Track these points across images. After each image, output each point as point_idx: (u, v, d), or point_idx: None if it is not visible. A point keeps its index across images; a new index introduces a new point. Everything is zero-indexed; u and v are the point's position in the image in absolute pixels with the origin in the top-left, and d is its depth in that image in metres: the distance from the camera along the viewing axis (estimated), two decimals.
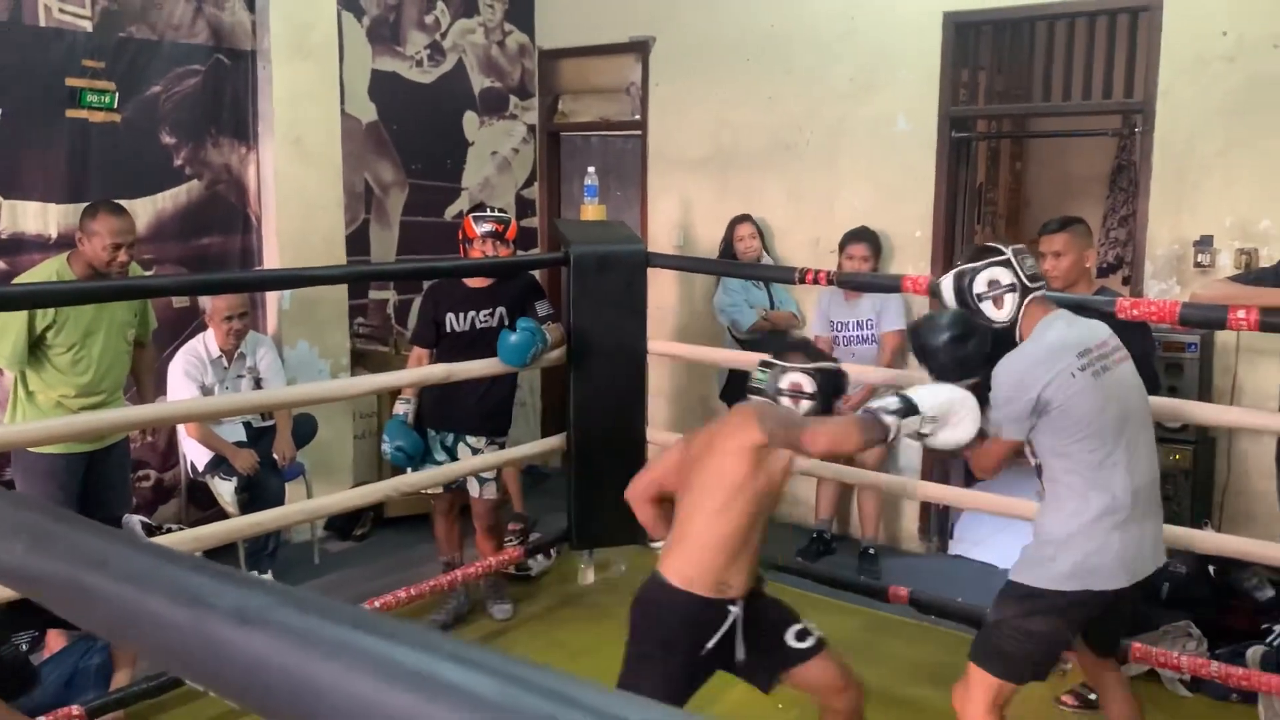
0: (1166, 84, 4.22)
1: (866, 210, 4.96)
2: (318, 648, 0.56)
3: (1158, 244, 4.31)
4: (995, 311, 2.56)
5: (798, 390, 2.62)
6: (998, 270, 2.55)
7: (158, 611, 0.62)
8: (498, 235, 4.03)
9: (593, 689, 0.49)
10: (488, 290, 4.10)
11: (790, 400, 2.63)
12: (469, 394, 4.00)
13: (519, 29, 6.07)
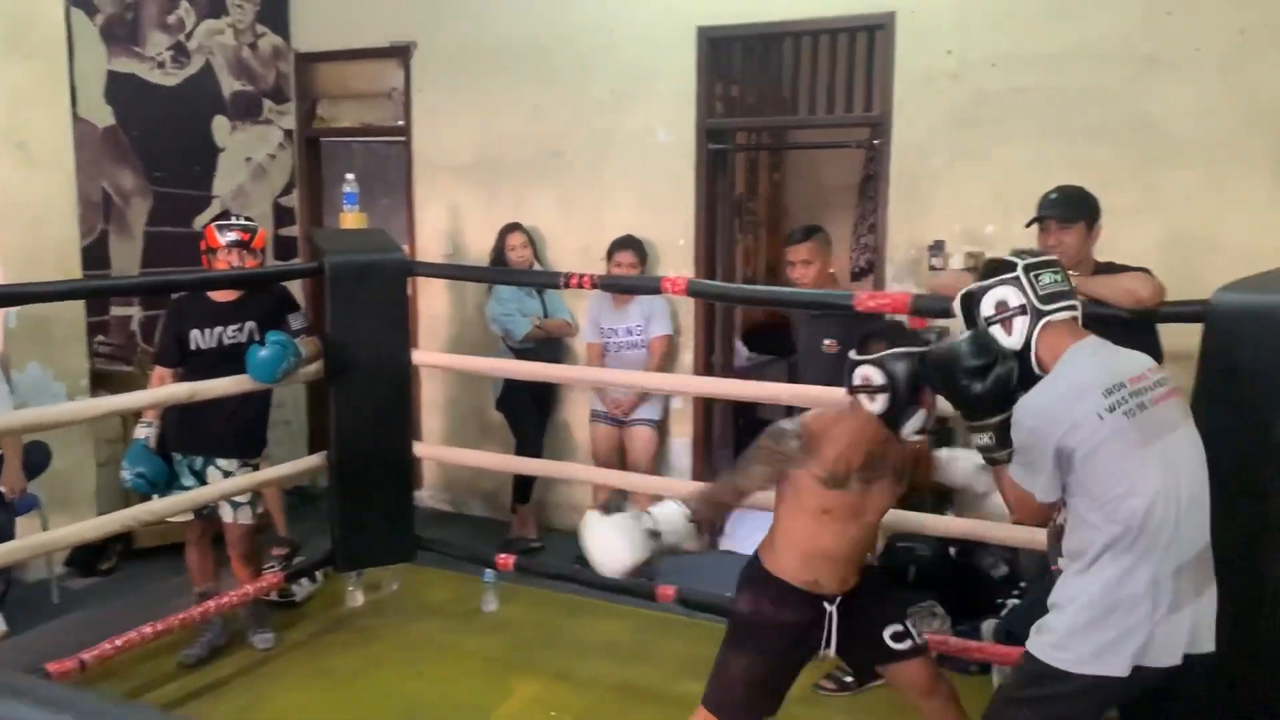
0: (900, 99, 4.51)
1: (632, 219, 5.05)
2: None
3: (897, 249, 4.60)
4: (1005, 338, 2.24)
5: (867, 385, 2.45)
6: (1006, 290, 2.23)
7: None
8: (243, 245, 3.83)
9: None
10: (235, 304, 3.88)
11: (866, 397, 2.46)
12: (218, 414, 3.77)
13: (272, 30, 5.82)
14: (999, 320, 2.23)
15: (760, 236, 7.02)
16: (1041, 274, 2.23)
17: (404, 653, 4.04)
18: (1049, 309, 2.20)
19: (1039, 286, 2.22)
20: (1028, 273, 2.22)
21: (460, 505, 5.80)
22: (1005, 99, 4.33)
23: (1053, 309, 2.20)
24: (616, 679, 3.83)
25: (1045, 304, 2.20)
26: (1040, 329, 2.20)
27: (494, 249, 5.15)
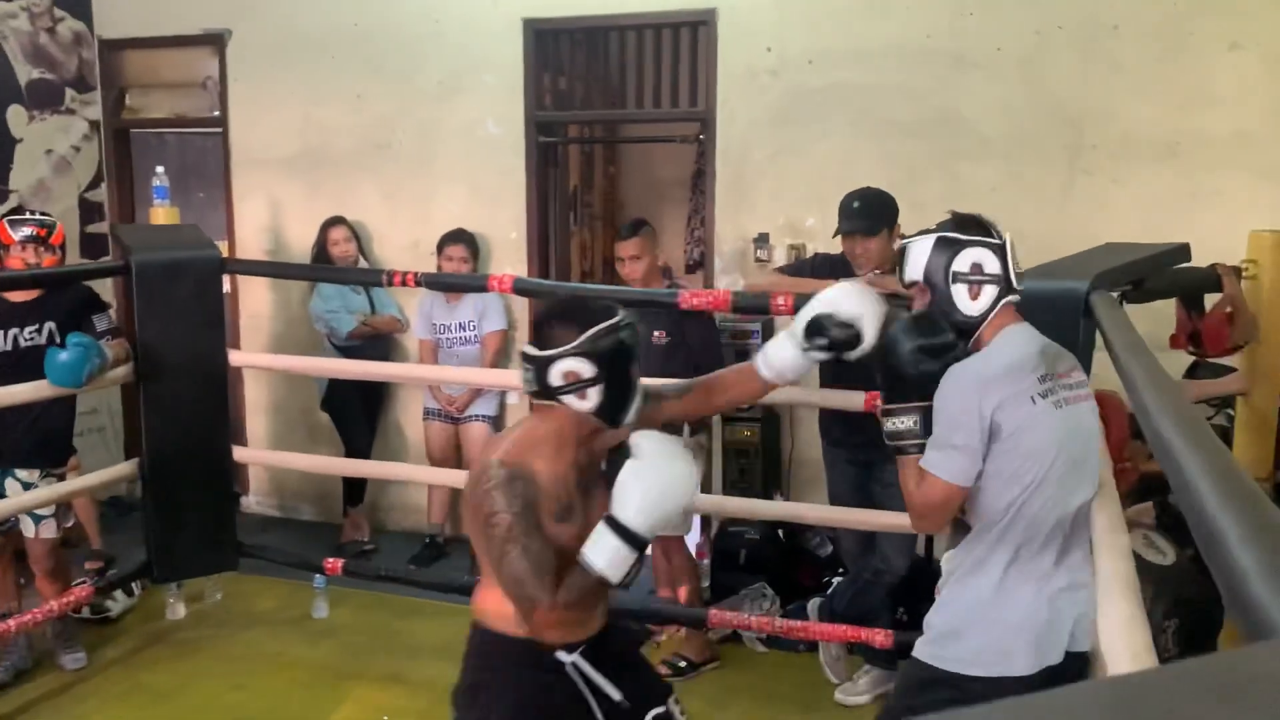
0: (724, 94, 4.60)
1: (463, 212, 4.98)
2: None
3: (724, 241, 4.69)
4: (968, 302, 2.09)
5: (576, 381, 2.02)
6: (986, 254, 2.09)
7: None
8: (39, 240, 3.60)
9: None
10: (34, 304, 3.64)
11: (576, 397, 2.03)
12: (16, 422, 3.53)
13: (72, 15, 5.48)
14: (969, 280, 2.08)
15: (597, 230, 7.04)
16: (1015, 251, 2.14)
17: (228, 664, 3.89)
18: (1017, 289, 2.12)
19: (1015, 263, 2.12)
20: (1008, 245, 2.12)
21: (289, 510, 5.61)
22: (822, 95, 4.47)
23: (1017, 290, 2.12)
24: (452, 680, 3.76)
25: (1018, 281, 2.12)
26: (1000, 306, 2.10)
27: (315, 244, 4.99)
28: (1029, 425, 2.01)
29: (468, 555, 4.84)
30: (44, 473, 3.68)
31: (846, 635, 3.37)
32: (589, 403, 2.04)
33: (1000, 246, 2.11)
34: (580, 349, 2.02)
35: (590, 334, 2.02)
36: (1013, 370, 2.04)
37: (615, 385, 2.05)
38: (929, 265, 2.12)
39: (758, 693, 3.70)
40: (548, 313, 2.13)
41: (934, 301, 2.12)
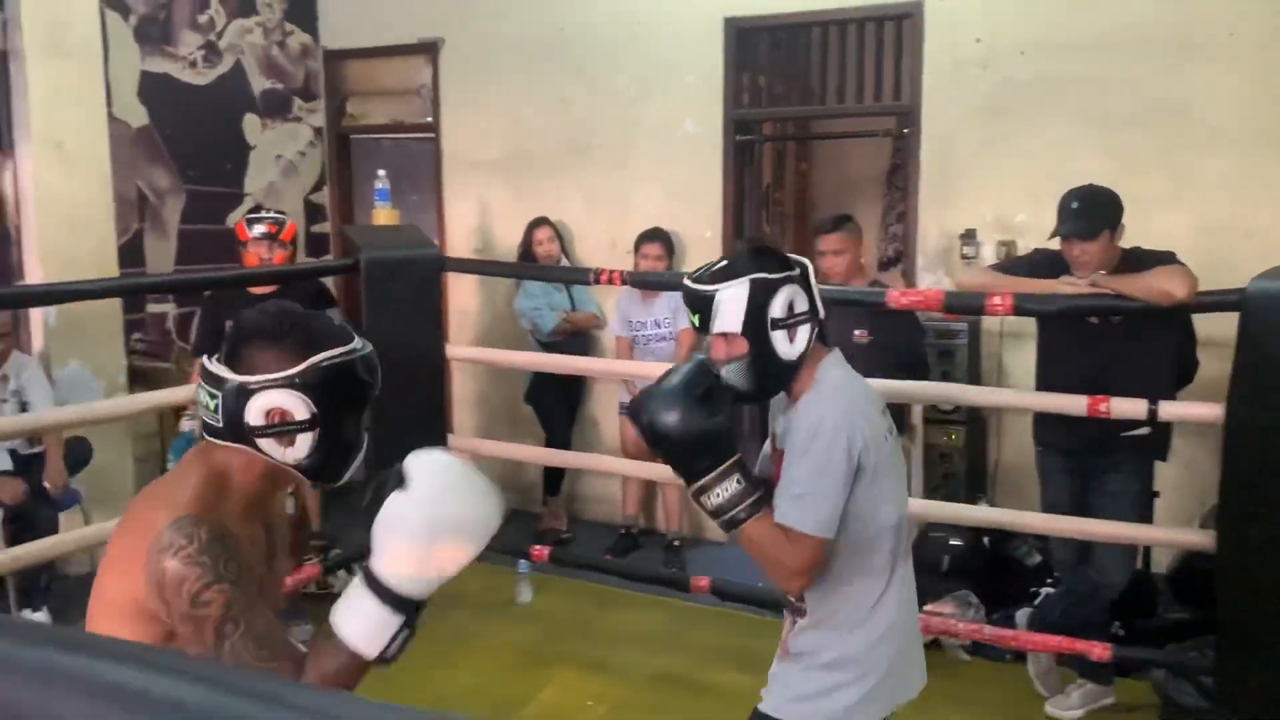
0: (929, 87, 4.51)
1: (659, 212, 5.06)
2: (17, 670, 0.53)
3: (928, 238, 4.59)
4: (787, 346, 1.88)
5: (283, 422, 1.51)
6: (796, 290, 1.89)
7: None
8: (271, 237, 3.92)
9: (302, 691, 0.48)
10: (273, 297, 3.94)
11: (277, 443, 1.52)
12: None
13: (301, 29, 5.87)
14: (787, 324, 1.87)
15: (786, 228, 7.02)
16: (811, 275, 1.94)
17: (438, 644, 4.07)
18: (822, 319, 1.94)
19: (815, 290, 1.93)
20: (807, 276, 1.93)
21: None
22: (1035, 87, 4.31)
23: (823, 318, 1.94)
24: (651, 669, 3.86)
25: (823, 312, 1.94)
26: (814, 339, 1.91)
27: (521, 243, 5.18)
28: (884, 464, 1.88)
29: (661, 548, 4.95)
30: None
31: (1062, 646, 3.25)
32: (295, 452, 1.53)
33: (804, 276, 1.92)
34: (294, 380, 1.51)
35: (312, 361, 1.51)
36: (864, 406, 1.89)
37: (335, 435, 1.56)
38: (748, 314, 1.87)
39: (962, 702, 3.61)
40: (252, 327, 1.55)
41: (751, 352, 1.89)
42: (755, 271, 1.88)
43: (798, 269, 1.92)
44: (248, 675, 0.47)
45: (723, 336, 1.91)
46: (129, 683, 0.51)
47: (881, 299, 3.23)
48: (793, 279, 1.89)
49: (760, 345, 1.87)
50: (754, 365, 1.89)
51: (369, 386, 1.62)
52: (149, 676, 0.51)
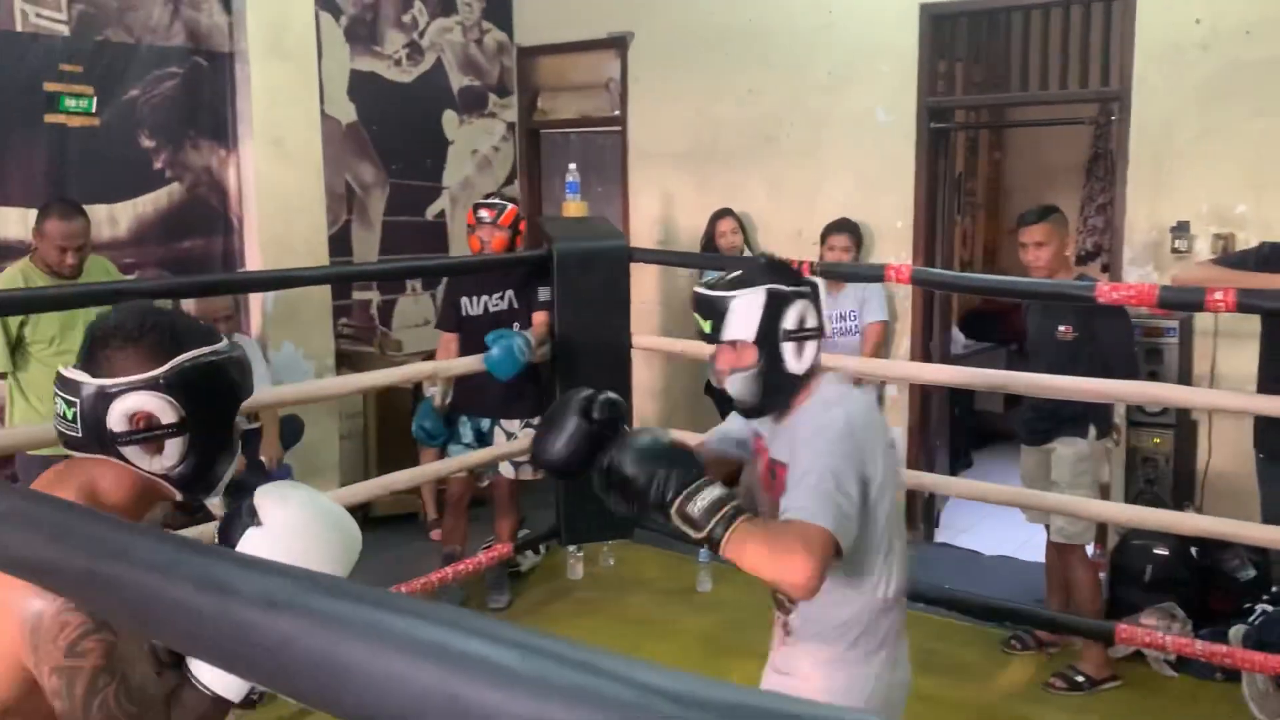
0: (1141, 72, 4.27)
1: (847, 202, 4.99)
2: (345, 628, 0.58)
3: (1135, 230, 4.36)
4: (795, 360, 1.87)
5: (149, 427, 1.41)
6: (806, 305, 1.89)
7: (181, 598, 0.64)
8: (492, 221, 4.20)
9: (614, 658, 0.50)
10: (499, 275, 4.27)
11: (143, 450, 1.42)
12: (495, 381, 4.03)
13: (497, 27, 6.07)
14: (797, 338, 1.86)
15: (978, 218, 6.80)
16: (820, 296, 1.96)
17: (623, 627, 4.16)
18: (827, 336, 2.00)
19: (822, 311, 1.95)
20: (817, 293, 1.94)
21: None
22: (1261, 69, 4.02)
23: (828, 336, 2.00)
24: None
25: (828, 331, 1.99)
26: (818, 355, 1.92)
27: (704, 234, 5.21)
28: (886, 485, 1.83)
29: None
30: (524, 423, 4.26)
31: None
32: (164, 460, 1.43)
33: (815, 292, 1.92)
34: (159, 381, 1.40)
35: (177, 361, 1.41)
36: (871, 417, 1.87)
37: (206, 441, 1.45)
38: (762, 323, 1.85)
39: (1166, 717, 3.43)
40: (109, 328, 1.44)
41: (760, 363, 1.86)
42: (771, 282, 1.87)
43: (809, 287, 1.92)
44: (565, 645, 0.50)
45: (731, 345, 1.89)
46: (449, 643, 0.55)
47: (1090, 293, 3.09)
48: (805, 294, 1.89)
49: (770, 355, 1.86)
50: (761, 376, 1.87)
51: (240, 388, 1.49)
52: (468, 639, 0.55)
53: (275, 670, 0.60)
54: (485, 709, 0.51)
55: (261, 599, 0.61)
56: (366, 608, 0.58)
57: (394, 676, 0.55)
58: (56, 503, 0.79)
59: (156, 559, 0.66)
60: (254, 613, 0.60)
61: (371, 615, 0.58)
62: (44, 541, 0.73)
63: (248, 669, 0.61)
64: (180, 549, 0.67)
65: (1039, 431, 3.73)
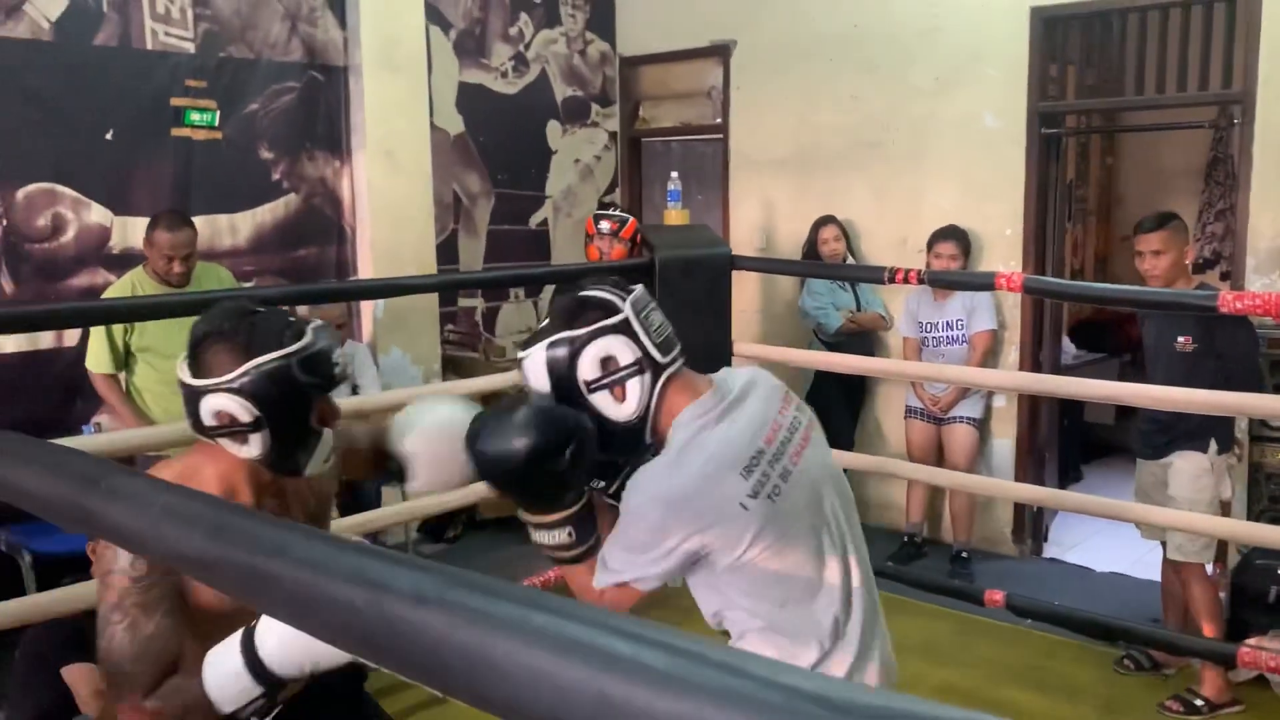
0: (1266, 73, 4.11)
1: (954, 209, 4.91)
2: (493, 624, 0.60)
3: (1260, 237, 4.19)
4: (615, 407, 1.65)
5: (232, 423, 1.60)
6: (611, 341, 1.63)
7: (336, 594, 0.67)
8: (614, 234, 4.28)
9: (764, 662, 0.52)
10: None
11: (233, 441, 1.62)
12: None
13: (600, 37, 6.14)
14: (607, 384, 1.63)
15: (1089, 225, 6.62)
16: (650, 312, 1.67)
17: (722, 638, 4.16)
18: (668, 360, 1.66)
19: (652, 330, 1.66)
20: (638, 313, 1.65)
21: None
22: None
23: (671, 359, 1.67)
24: (938, 680, 3.76)
25: (664, 353, 1.66)
26: (662, 387, 1.65)
27: (806, 242, 5.18)
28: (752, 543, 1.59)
29: (947, 558, 4.80)
30: None
31: None
32: (250, 450, 1.62)
33: (625, 323, 1.63)
34: (233, 385, 1.58)
35: (250, 365, 1.57)
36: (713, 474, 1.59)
37: (285, 433, 1.61)
38: (555, 383, 1.64)
39: None
40: (206, 328, 1.63)
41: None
42: (561, 329, 1.64)
43: (618, 315, 1.63)
44: (707, 647, 0.51)
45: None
46: (595, 642, 0.57)
47: (1212, 303, 2.99)
48: (604, 331, 1.62)
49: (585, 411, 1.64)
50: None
51: (311, 386, 1.62)
52: (613, 638, 0.56)
53: (427, 665, 0.62)
54: (633, 707, 0.52)
55: (413, 595, 0.64)
56: (514, 605, 0.60)
57: (542, 673, 0.57)
58: (213, 501, 0.84)
59: (312, 556, 0.69)
60: (405, 608, 0.63)
61: (519, 612, 0.60)
62: (202, 537, 0.77)
63: (400, 664, 0.64)
64: (334, 546, 0.70)
65: (1156, 445, 3.61)
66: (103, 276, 4.23)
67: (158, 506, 0.82)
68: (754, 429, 1.65)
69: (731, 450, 1.62)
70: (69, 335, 4.12)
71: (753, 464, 1.62)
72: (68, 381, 4.09)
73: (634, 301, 1.66)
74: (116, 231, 4.31)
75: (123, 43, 4.27)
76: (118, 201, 4.30)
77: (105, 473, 0.88)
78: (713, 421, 1.64)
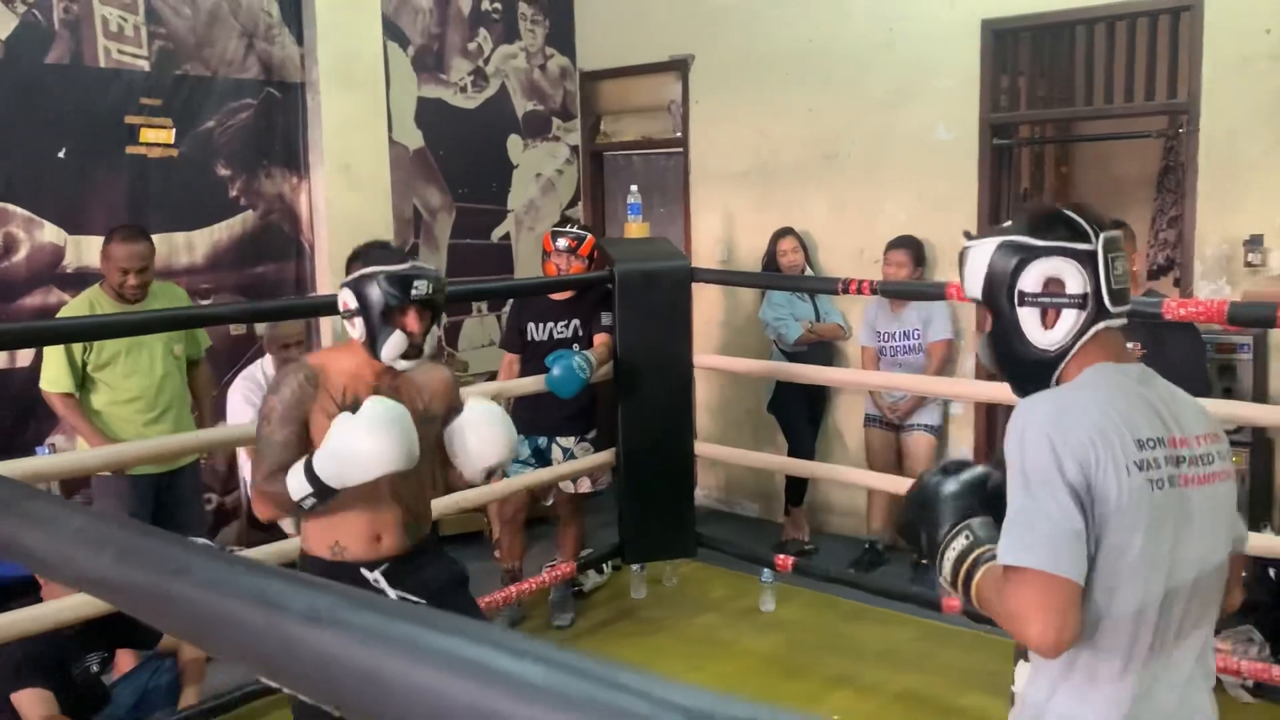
0: (1210, 83, 4.19)
1: (909, 219, 4.97)
2: (383, 643, 0.61)
3: (1207, 244, 4.27)
4: (1040, 331, 1.56)
5: (345, 310, 2.29)
6: (1067, 265, 1.54)
7: (235, 614, 0.68)
8: (571, 250, 4.29)
9: (637, 674, 0.53)
10: (567, 303, 4.34)
11: (348, 323, 2.29)
12: (555, 400, 4.10)
13: (560, 52, 6.16)
14: (1041, 303, 1.54)
15: None
16: (1118, 258, 1.55)
17: (686, 646, 4.17)
18: (1116, 310, 1.55)
19: (1114, 275, 1.54)
20: (1107, 251, 1.54)
21: (732, 504, 5.90)
22: None
23: (1119, 311, 1.56)
24: (899, 686, 3.79)
25: (1115, 302, 1.54)
26: (1095, 334, 1.54)
27: (766, 254, 5.22)
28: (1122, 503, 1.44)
29: (908, 564, 4.84)
30: (579, 439, 4.34)
31: None
32: (355, 331, 2.27)
33: (1090, 254, 1.53)
34: (347, 282, 2.29)
35: (361, 272, 2.26)
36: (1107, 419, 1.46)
37: (375, 323, 2.23)
38: (989, 280, 1.58)
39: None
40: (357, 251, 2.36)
41: (997, 328, 1.61)
42: (1022, 233, 1.57)
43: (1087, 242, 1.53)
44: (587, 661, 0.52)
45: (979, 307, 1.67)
46: (480, 659, 0.58)
47: (1157, 310, 3.04)
48: (1066, 250, 1.53)
49: (1005, 321, 1.58)
50: (994, 344, 1.63)
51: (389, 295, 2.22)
52: (497, 655, 0.57)
53: (320, 683, 0.63)
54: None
55: (307, 614, 0.65)
56: (404, 624, 0.62)
57: (429, 690, 0.58)
58: (125, 523, 0.84)
59: (213, 576, 0.70)
60: (300, 628, 0.64)
61: (409, 631, 0.61)
62: (111, 560, 0.77)
63: (294, 682, 0.65)
64: (234, 567, 0.71)
65: None
66: (56, 296, 4.19)
67: (70, 530, 0.82)
68: (1165, 411, 1.53)
69: (1136, 411, 1.49)
70: (21, 356, 4.08)
71: (1151, 442, 1.48)
72: (21, 403, 4.05)
73: (1108, 240, 1.55)
74: (70, 250, 4.28)
75: (75, 60, 4.25)
76: (71, 220, 4.27)
77: (20, 497, 0.89)
78: (1128, 380, 1.54)
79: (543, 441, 4.35)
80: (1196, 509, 1.50)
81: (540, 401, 4.13)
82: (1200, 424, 1.56)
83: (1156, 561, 1.47)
